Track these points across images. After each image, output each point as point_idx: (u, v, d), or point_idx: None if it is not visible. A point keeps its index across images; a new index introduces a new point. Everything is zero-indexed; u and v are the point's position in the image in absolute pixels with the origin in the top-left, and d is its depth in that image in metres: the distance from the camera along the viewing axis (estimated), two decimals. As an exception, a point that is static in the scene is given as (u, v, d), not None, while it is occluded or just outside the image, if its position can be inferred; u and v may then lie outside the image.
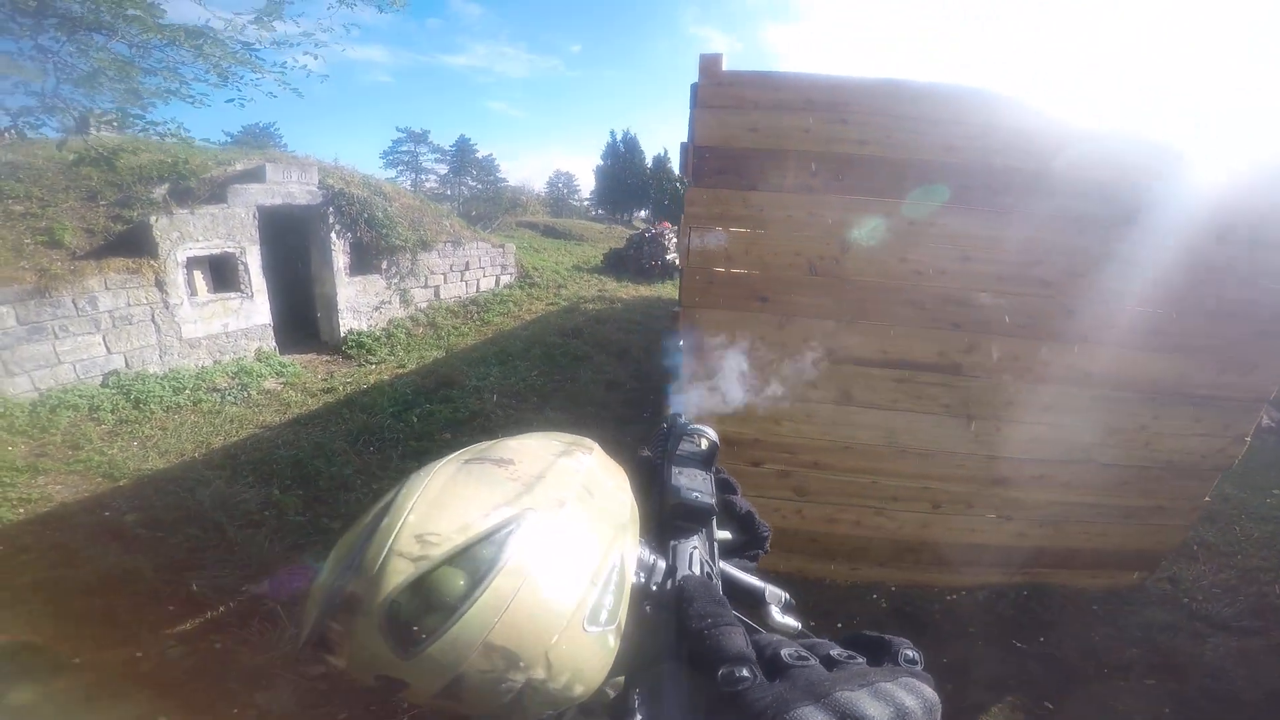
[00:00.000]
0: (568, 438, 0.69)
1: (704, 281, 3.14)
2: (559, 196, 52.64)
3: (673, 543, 0.68)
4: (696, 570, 0.65)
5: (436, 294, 9.45)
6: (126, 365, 5.98)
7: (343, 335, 7.95)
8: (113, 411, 5.43)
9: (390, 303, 8.68)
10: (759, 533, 0.86)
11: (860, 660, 0.50)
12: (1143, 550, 3.56)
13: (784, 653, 0.48)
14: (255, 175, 7.20)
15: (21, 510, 4.09)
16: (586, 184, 52.74)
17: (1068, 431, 3.17)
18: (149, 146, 7.38)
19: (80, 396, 5.44)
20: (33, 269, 5.55)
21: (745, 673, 0.45)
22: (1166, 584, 3.79)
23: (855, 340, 3.07)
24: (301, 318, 8.16)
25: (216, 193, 6.83)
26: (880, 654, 0.53)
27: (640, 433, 5.28)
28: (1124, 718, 2.89)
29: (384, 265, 8.55)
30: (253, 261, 7.04)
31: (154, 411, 5.58)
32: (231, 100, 6.31)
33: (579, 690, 0.54)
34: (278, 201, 7.25)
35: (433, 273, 9.34)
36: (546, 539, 0.53)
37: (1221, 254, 2.86)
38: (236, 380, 6.39)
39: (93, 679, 2.77)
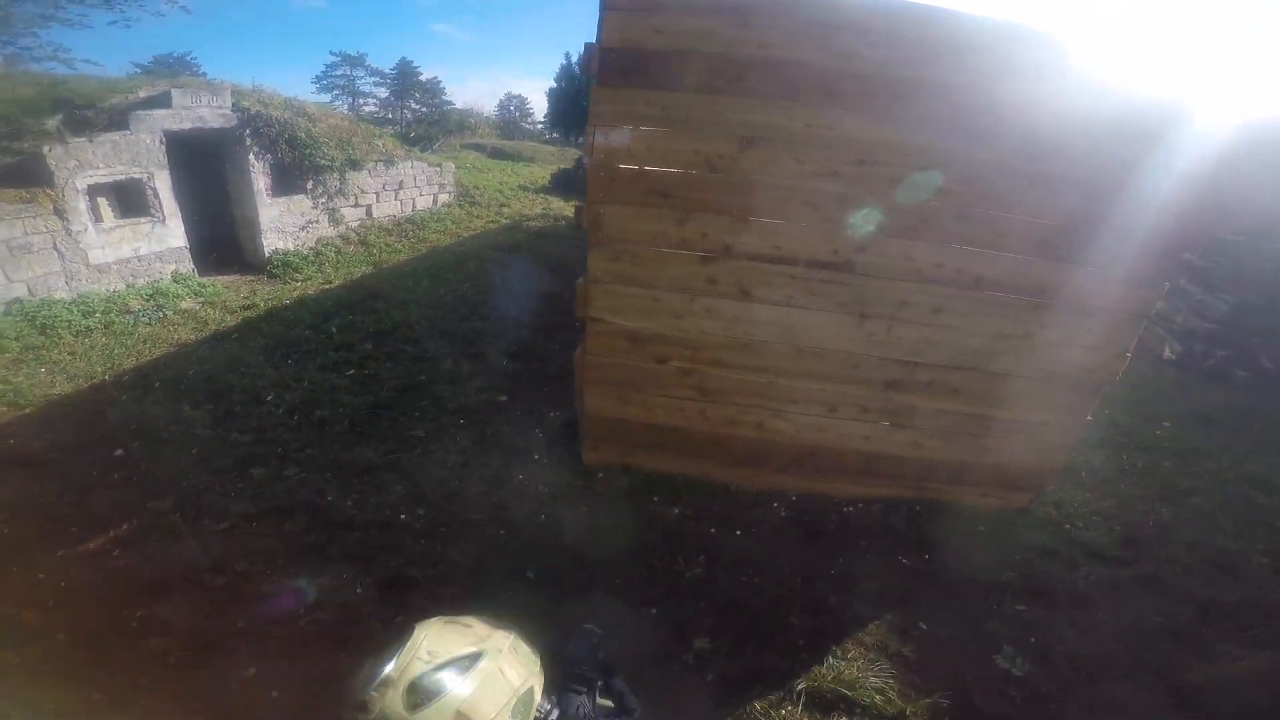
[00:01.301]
0: (498, 622, 1.21)
1: (608, 179, 3.15)
2: (510, 119, 50.06)
3: (567, 696, 1.26)
4: (580, 714, 1.25)
5: (369, 213, 9.17)
6: (30, 293, 5.70)
7: (268, 255, 7.69)
8: (17, 339, 5.20)
9: (318, 222, 8.39)
10: (629, 707, 1.40)
11: None
12: (1029, 469, 3.69)
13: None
14: (161, 101, 6.73)
15: (-79, 448, 3.92)
16: (540, 106, 50.32)
17: (957, 334, 3.29)
18: (38, 80, 6.92)
19: (-18, 326, 5.16)
20: (-80, 202, 5.14)
21: None
22: (1051, 508, 3.87)
23: (752, 237, 3.13)
24: (225, 240, 7.83)
25: (118, 120, 6.40)
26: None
27: (567, 340, 5.36)
28: (991, 640, 2.94)
29: (310, 185, 8.20)
30: (162, 186, 6.67)
31: (62, 336, 5.36)
32: (114, 22, 5.82)
33: None
34: (187, 126, 6.82)
35: (364, 192, 9.01)
36: (493, 665, 1.07)
37: (1118, 178, 2.93)
38: (151, 302, 6.18)
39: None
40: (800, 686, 2.63)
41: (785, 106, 2.93)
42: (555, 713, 1.14)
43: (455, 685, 0.99)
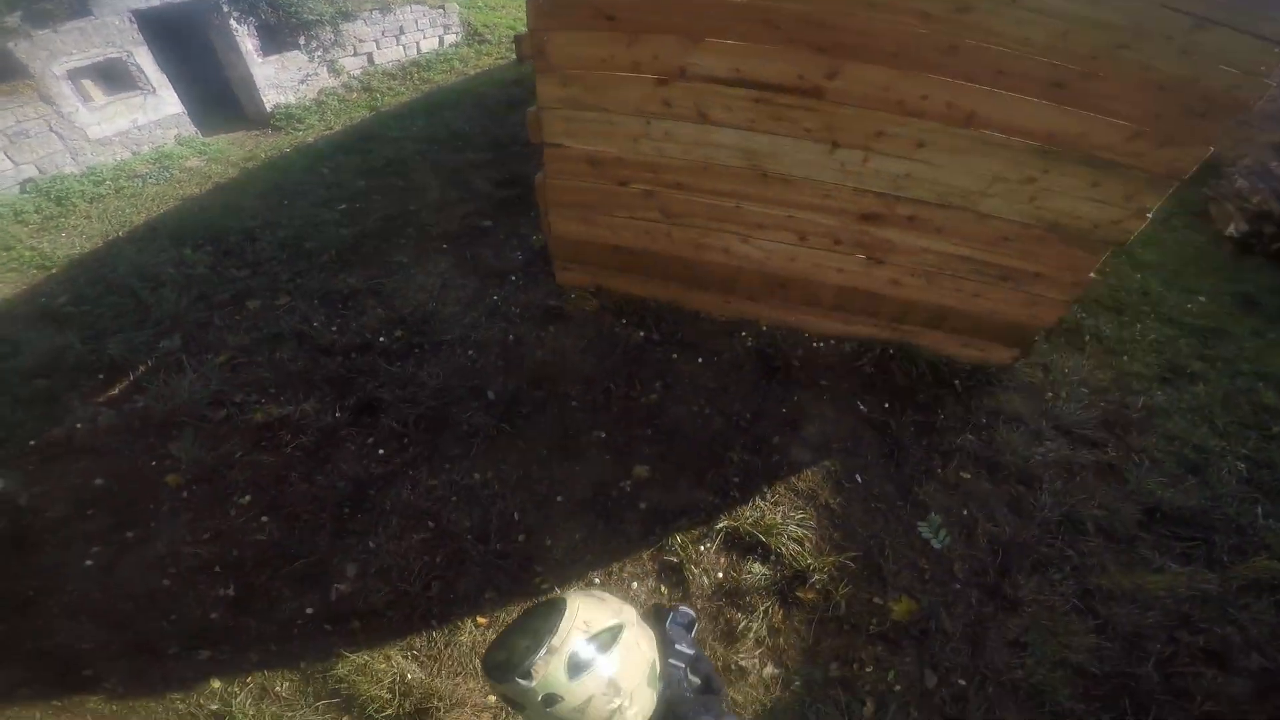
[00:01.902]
0: (621, 599, 1.18)
1: (548, 3, 2.80)
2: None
3: (671, 666, 1.26)
4: (685, 688, 1.27)
5: (370, 60, 8.68)
6: (40, 172, 5.86)
7: (269, 111, 7.52)
8: (37, 212, 5.45)
9: (318, 74, 8.04)
10: (715, 686, 1.34)
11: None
12: (1017, 322, 3.38)
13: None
14: (113, -19, 6.24)
15: (-40, 313, 4.25)
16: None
17: (944, 171, 2.90)
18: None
19: (2, 205, 5.42)
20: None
21: None
22: (1039, 371, 3.62)
23: (707, 58, 2.78)
24: (224, 100, 7.66)
25: (79, 8, 6.05)
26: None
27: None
28: (922, 505, 2.88)
29: (302, 41, 7.79)
30: (145, 61, 6.47)
31: (77, 205, 5.57)
32: None
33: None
34: (156, 3, 6.42)
35: (362, 41, 8.49)
36: (634, 634, 1.08)
37: (1163, 22, 2.33)
38: (157, 165, 6.27)
39: (41, 458, 3.13)
40: (721, 525, 2.71)
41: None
42: (661, 683, 1.13)
43: (606, 655, 1.00)
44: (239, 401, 3.31)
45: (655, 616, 1.67)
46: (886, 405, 3.32)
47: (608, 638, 1.02)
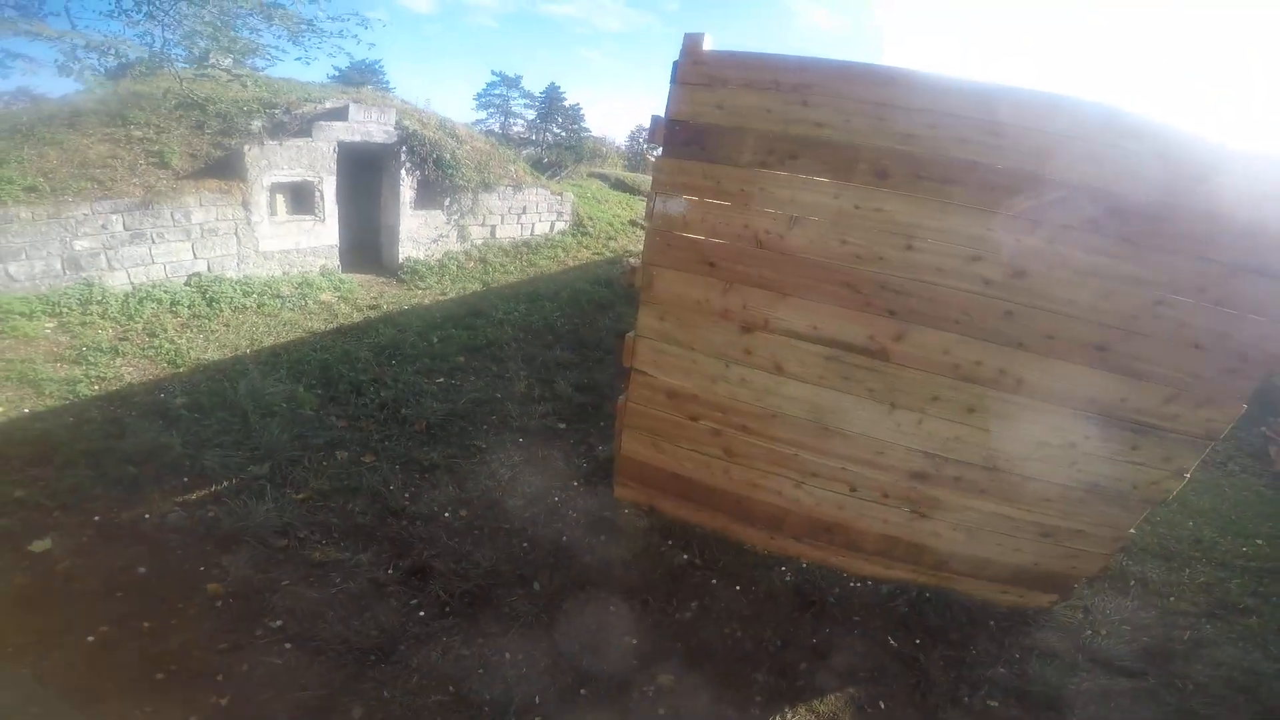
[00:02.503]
0: None
1: (663, 243, 3.24)
2: (638, 151, 51.41)
3: None
4: None
5: (493, 233, 9.78)
6: (208, 269, 6.62)
7: (400, 262, 8.42)
8: (189, 307, 6.06)
9: (448, 237, 9.07)
10: None
11: None
12: (1057, 573, 3.39)
13: None
14: (339, 114, 7.61)
15: (96, 387, 4.71)
16: (670, 142, 51.31)
17: (991, 437, 3.05)
18: (253, 80, 7.95)
19: (165, 292, 6.09)
20: (142, 185, 6.21)
21: None
22: (1080, 612, 3.56)
23: (790, 314, 3.11)
24: (366, 242, 8.66)
25: (304, 128, 7.32)
26: None
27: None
28: None
29: (446, 202, 8.89)
30: (328, 190, 7.52)
31: (223, 310, 6.18)
32: (299, 59, 6.95)
33: None
34: (357, 139, 7.65)
35: (491, 213, 9.63)
36: None
37: (1196, 275, 2.58)
38: (298, 290, 6.95)
39: (98, 533, 3.28)
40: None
41: (835, 187, 2.89)
42: None
43: None
44: (302, 537, 3.43)
45: None
46: (917, 641, 3.25)
47: None
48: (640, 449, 3.77)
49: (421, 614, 3.07)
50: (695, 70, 2.97)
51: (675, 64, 3.04)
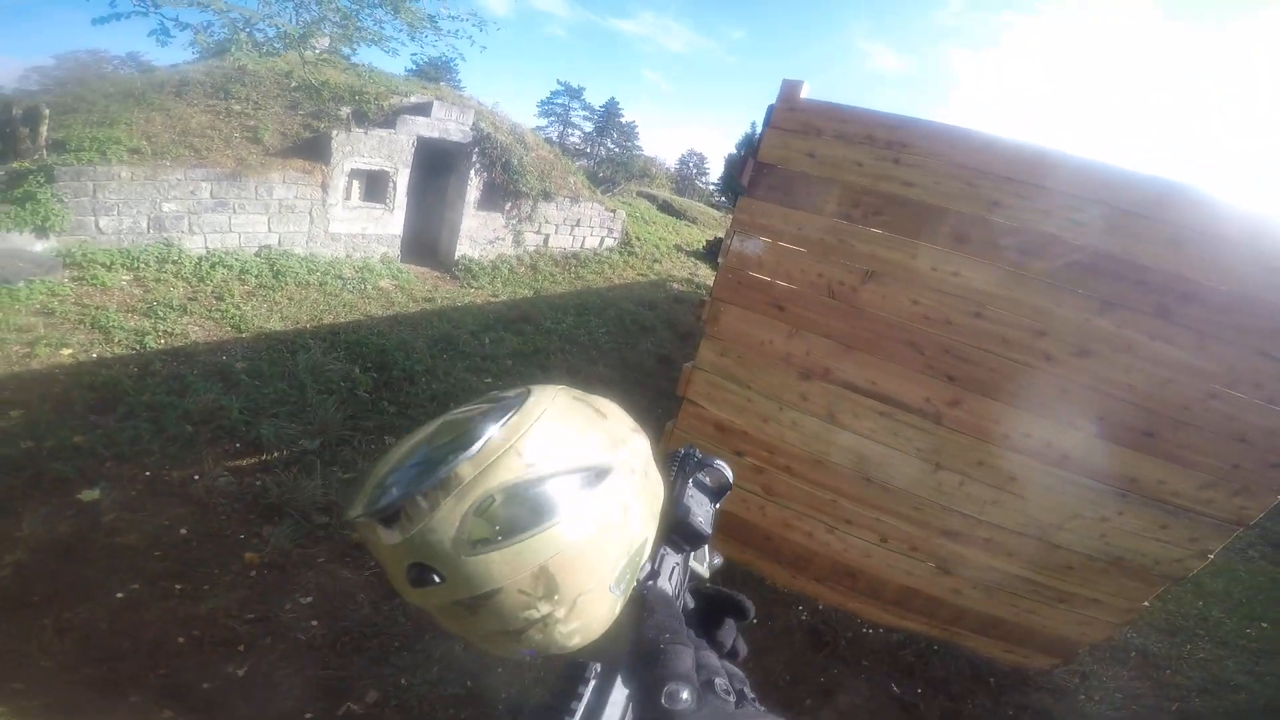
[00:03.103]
0: (633, 420, 0.65)
1: (735, 281, 3.20)
2: (686, 175, 52.00)
3: (662, 551, 0.68)
4: (671, 584, 0.65)
5: (546, 242, 9.84)
6: (279, 244, 6.77)
7: (456, 259, 8.51)
8: (256, 277, 6.19)
9: (504, 240, 9.15)
10: (740, 605, 0.70)
11: (759, 707, 0.51)
12: (1064, 638, 3.29)
13: (717, 682, 0.49)
14: (423, 109, 7.75)
15: (163, 341, 4.81)
16: (716, 168, 51.86)
17: (1028, 505, 2.99)
18: (349, 71, 8.17)
19: (236, 260, 6.24)
20: (234, 157, 6.39)
21: (686, 695, 0.45)
22: (1076, 678, 3.51)
23: (851, 366, 3.04)
24: (427, 236, 8.78)
25: (388, 119, 7.47)
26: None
27: (668, 408, 5.38)
28: None
29: (507, 206, 8.98)
30: (401, 181, 7.65)
31: (288, 284, 6.30)
32: (415, 54, 6.98)
33: (575, 641, 0.54)
34: (435, 135, 7.79)
35: (547, 221, 9.70)
36: (620, 497, 0.54)
37: (1254, 369, 2.52)
38: (359, 274, 7.07)
39: (148, 489, 3.30)
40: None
41: (914, 246, 2.85)
42: (646, 568, 0.62)
43: (555, 520, 0.49)
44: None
45: (670, 466, 0.87)
46: (919, 690, 3.23)
47: (569, 487, 0.50)
48: (681, 478, 3.69)
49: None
50: (790, 116, 2.95)
51: (770, 108, 3.02)
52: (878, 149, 2.81)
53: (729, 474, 0.87)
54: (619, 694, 0.47)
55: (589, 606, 0.52)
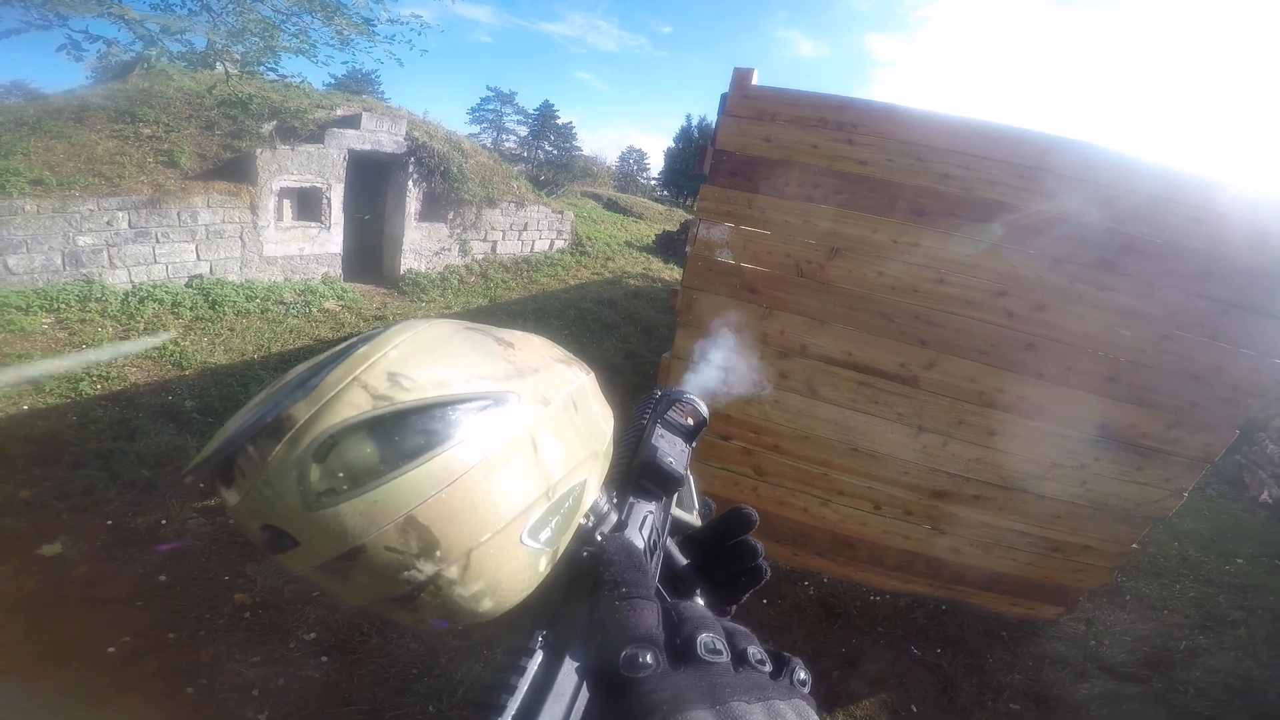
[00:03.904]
0: (566, 354, 0.60)
1: (705, 268, 3.34)
2: (628, 172, 52.49)
3: (631, 500, 0.61)
4: (644, 535, 0.58)
5: (494, 249, 9.82)
6: (210, 272, 6.56)
7: (402, 273, 8.41)
8: (191, 309, 5.99)
9: (450, 250, 9.09)
10: (757, 563, 0.60)
11: (766, 669, 0.40)
12: (1064, 586, 3.56)
13: (700, 639, 0.40)
14: (352, 122, 7.64)
15: (99, 386, 4.63)
16: (657, 164, 52.47)
17: (1010, 458, 3.25)
18: (264, 86, 7.93)
19: (166, 293, 6.03)
20: (150, 184, 6.16)
21: (649, 658, 0.37)
22: (1082, 625, 3.77)
23: (827, 340, 3.23)
24: (369, 252, 8.63)
25: (315, 134, 7.31)
26: (779, 666, 0.42)
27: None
28: None
29: (450, 216, 8.93)
30: (335, 197, 7.52)
31: (226, 314, 6.14)
32: (346, 63, 6.77)
33: (486, 606, 0.47)
34: (367, 147, 7.68)
35: (493, 229, 9.69)
36: (518, 430, 0.46)
37: (1196, 310, 2.85)
38: (301, 297, 6.92)
39: (113, 538, 3.22)
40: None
41: (875, 221, 3.06)
42: (611, 518, 0.56)
43: (420, 459, 0.41)
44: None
45: (640, 407, 0.79)
46: (939, 650, 3.41)
47: (440, 419, 0.43)
48: (668, 466, 3.82)
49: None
50: (744, 103, 3.12)
51: (723, 96, 3.18)
52: (830, 130, 3.01)
53: (703, 407, 0.79)
54: (570, 664, 0.40)
55: (490, 563, 0.45)
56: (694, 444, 0.75)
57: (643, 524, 0.58)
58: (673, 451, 0.68)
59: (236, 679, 2.61)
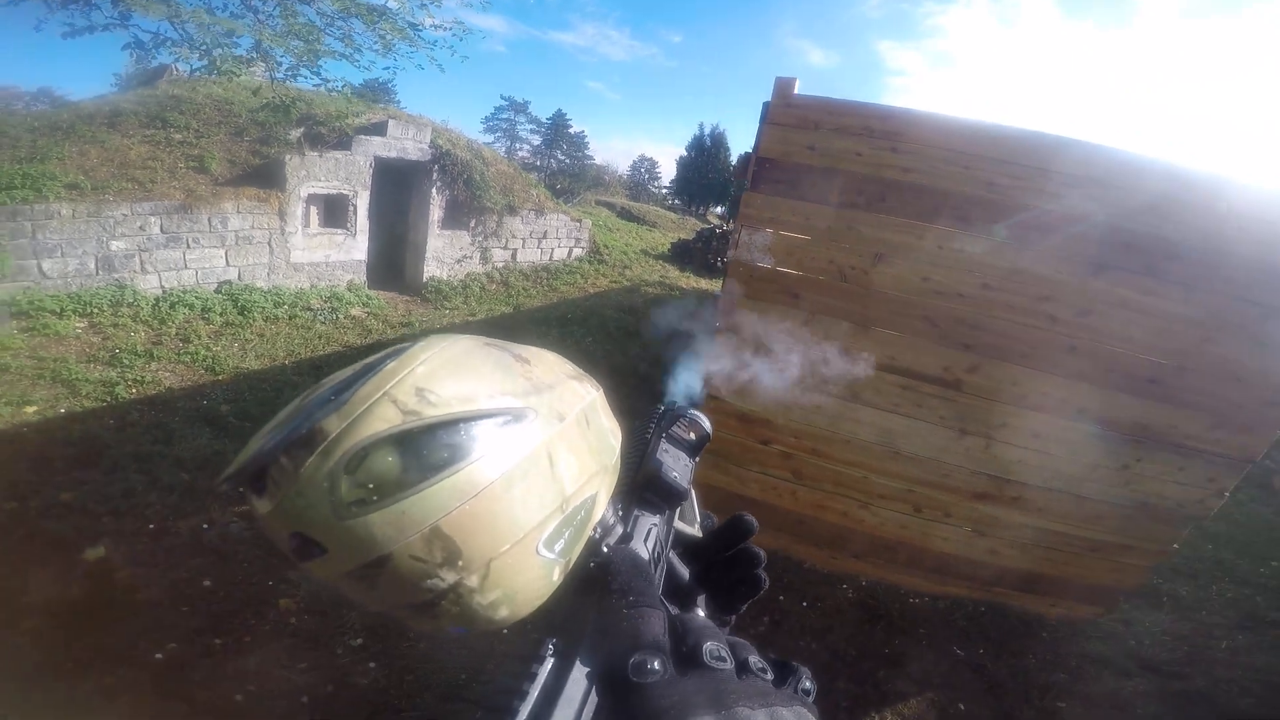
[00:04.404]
0: (578, 370, 0.64)
1: (747, 274, 3.37)
2: (639, 181, 52.83)
3: (636, 513, 0.65)
4: (648, 547, 0.61)
5: (514, 257, 9.89)
6: (239, 278, 6.65)
7: (425, 281, 8.48)
8: (221, 315, 6.07)
9: (471, 258, 9.17)
10: (755, 572, 0.65)
11: (769, 677, 0.42)
12: (1104, 586, 3.56)
13: (706, 647, 0.42)
14: (378, 129, 7.75)
15: (134, 390, 4.70)
16: (668, 172, 52.77)
17: (1052, 460, 3.25)
18: (293, 93, 8.07)
19: (196, 298, 6.12)
20: (181, 189, 6.29)
21: (656, 665, 0.40)
22: (1120, 625, 3.77)
23: (870, 345, 3.23)
24: (391, 259, 8.71)
25: (343, 140, 7.43)
26: (783, 675, 0.43)
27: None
28: None
29: (472, 224, 9.01)
30: (361, 204, 7.61)
31: (255, 320, 6.21)
32: (388, 68, 6.86)
33: (503, 613, 0.50)
34: (393, 155, 7.78)
35: (514, 236, 9.76)
36: (536, 445, 0.49)
37: (1239, 314, 2.86)
38: (328, 304, 7.01)
39: (155, 542, 3.26)
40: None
41: (919, 228, 3.08)
42: (617, 530, 0.60)
43: (446, 472, 0.44)
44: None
45: (644, 422, 0.81)
46: (981, 651, 3.44)
47: (465, 434, 0.45)
48: (704, 471, 3.83)
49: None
50: (786, 113, 3.16)
51: (766, 105, 3.22)
52: (875, 139, 3.04)
53: (706, 423, 0.83)
54: (580, 671, 0.42)
55: (508, 572, 0.48)
56: (697, 458, 0.78)
57: (647, 536, 0.62)
58: (677, 466, 0.72)
59: (285, 685, 2.63)
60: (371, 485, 0.42)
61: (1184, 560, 4.60)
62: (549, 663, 0.43)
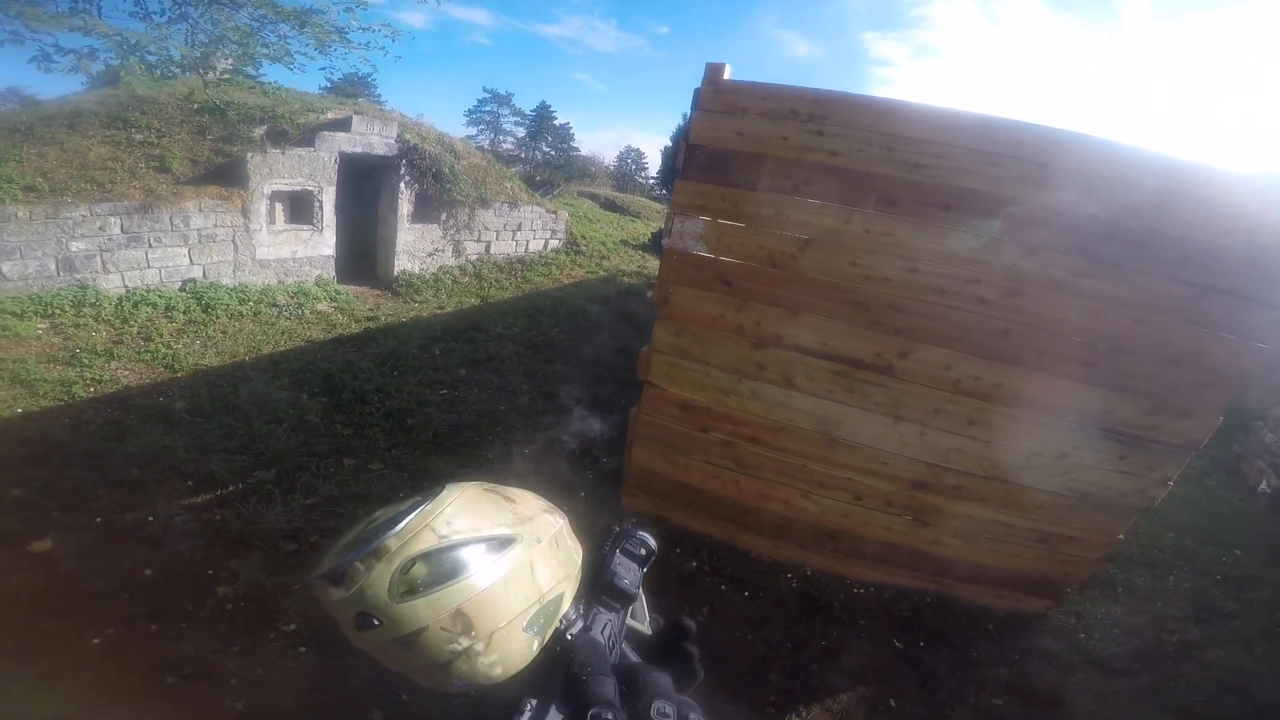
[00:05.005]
0: (549, 504, 0.94)
1: (680, 262, 3.40)
2: (626, 172, 52.53)
3: (596, 610, 0.89)
4: (604, 635, 0.86)
5: (487, 249, 9.91)
6: (203, 275, 6.66)
7: (395, 274, 8.50)
8: (184, 313, 6.08)
9: (443, 251, 9.18)
10: (693, 665, 0.93)
11: None
12: (1051, 577, 3.54)
13: (655, 705, 0.67)
14: (342, 125, 7.73)
15: (92, 389, 4.72)
16: (655, 163, 52.51)
17: (989, 447, 3.24)
18: (256, 90, 8.08)
19: (160, 297, 6.12)
20: (141, 189, 6.28)
21: (610, 716, 0.63)
22: (1071, 618, 3.74)
23: (801, 330, 3.28)
24: (362, 254, 8.71)
25: (306, 137, 7.41)
26: None
27: (631, 398, 5.57)
28: None
29: (443, 217, 9.02)
30: (327, 200, 7.61)
31: (219, 317, 6.22)
32: (324, 69, 6.94)
33: (498, 672, 0.75)
34: (358, 150, 7.77)
35: (487, 229, 9.77)
36: (522, 559, 0.77)
37: (1173, 295, 2.83)
38: (294, 300, 7.01)
39: (102, 535, 3.31)
40: (754, 736, 2.66)
41: (847, 212, 3.09)
42: (579, 624, 0.84)
43: (466, 575, 0.71)
44: (314, 541, 3.46)
45: (604, 540, 1.10)
46: (922, 644, 3.41)
47: (480, 552, 0.73)
48: (651, 459, 3.88)
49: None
50: (716, 98, 3.18)
51: (697, 91, 3.24)
52: (800, 122, 3.05)
53: (652, 542, 1.09)
54: (555, 717, 0.66)
55: (504, 643, 0.74)
56: (645, 569, 1.04)
57: (604, 628, 0.87)
58: (628, 575, 0.97)
59: (217, 669, 2.68)
60: (419, 581, 0.68)
61: (1143, 549, 4.57)
62: (527, 714, 0.67)
